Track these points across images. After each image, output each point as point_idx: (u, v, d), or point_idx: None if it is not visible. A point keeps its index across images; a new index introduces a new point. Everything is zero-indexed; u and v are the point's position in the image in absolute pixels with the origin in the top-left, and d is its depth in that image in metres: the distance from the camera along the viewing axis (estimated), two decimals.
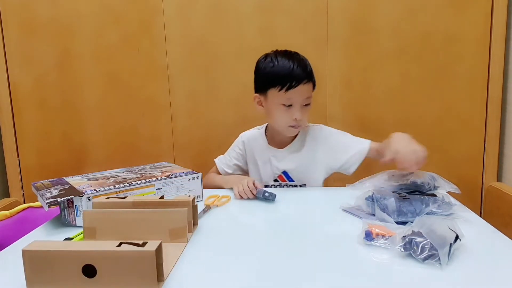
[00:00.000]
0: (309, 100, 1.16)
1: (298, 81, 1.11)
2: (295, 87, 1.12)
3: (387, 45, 1.63)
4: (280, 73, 1.13)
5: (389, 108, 1.67)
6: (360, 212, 0.93)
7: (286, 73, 1.12)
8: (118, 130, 1.74)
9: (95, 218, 0.78)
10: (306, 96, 1.15)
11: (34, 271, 0.61)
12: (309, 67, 1.16)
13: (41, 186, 1.00)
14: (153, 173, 1.07)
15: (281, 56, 1.15)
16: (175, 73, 1.70)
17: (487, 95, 1.62)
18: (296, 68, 1.12)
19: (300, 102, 1.14)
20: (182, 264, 0.70)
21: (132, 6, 1.65)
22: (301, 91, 1.13)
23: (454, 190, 0.93)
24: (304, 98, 1.15)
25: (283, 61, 1.14)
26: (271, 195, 1.04)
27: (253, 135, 1.32)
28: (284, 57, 1.15)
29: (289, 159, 1.25)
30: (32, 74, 1.70)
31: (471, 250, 0.72)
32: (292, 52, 1.18)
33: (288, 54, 1.17)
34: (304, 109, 1.16)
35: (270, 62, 1.16)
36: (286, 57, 1.15)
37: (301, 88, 1.12)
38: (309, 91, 1.16)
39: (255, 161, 1.30)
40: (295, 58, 1.14)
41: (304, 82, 1.12)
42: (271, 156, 1.27)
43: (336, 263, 0.70)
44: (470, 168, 1.67)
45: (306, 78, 1.13)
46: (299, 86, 1.12)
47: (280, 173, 1.26)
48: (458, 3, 1.58)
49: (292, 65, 1.13)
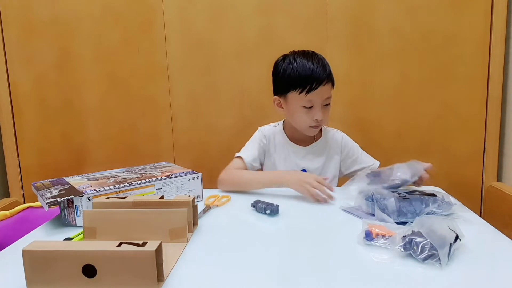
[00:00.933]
0: (329, 100, 1.17)
1: (318, 83, 1.11)
2: (316, 89, 1.12)
3: (387, 45, 1.63)
4: (301, 75, 1.12)
5: (389, 108, 1.67)
6: (360, 212, 0.93)
7: (306, 75, 1.12)
8: (118, 130, 1.74)
9: (95, 218, 0.78)
10: (327, 96, 1.15)
11: (34, 271, 0.61)
12: (328, 67, 1.15)
13: (41, 186, 1.00)
14: (153, 173, 1.07)
15: (300, 58, 1.15)
16: (175, 73, 1.70)
17: (487, 95, 1.62)
18: (316, 69, 1.12)
19: (321, 103, 1.15)
20: (182, 264, 0.70)
21: (132, 6, 1.66)
22: (321, 93, 1.13)
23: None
24: (324, 99, 1.15)
25: (302, 62, 1.13)
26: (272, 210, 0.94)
27: (272, 130, 1.31)
28: (303, 59, 1.14)
29: (310, 158, 1.27)
30: (32, 74, 1.70)
31: (471, 250, 0.72)
32: (310, 53, 1.17)
33: (306, 55, 1.16)
34: (325, 109, 1.17)
35: (289, 64, 1.15)
36: (305, 58, 1.14)
37: (321, 89, 1.13)
38: (329, 91, 1.16)
39: (272, 155, 1.30)
40: (314, 59, 1.14)
41: (324, 83, 1.12)
42: (292, 152, 1.27)
43: (336, 263, 0.70)
44: (470, 168, 1.67)
45: (326, 79, 1.13)
46: (320, 87, 1.12)
47: (299, 169, 1.26)
48: (458, 3, 1.58)
49: (312, 66, 1.12)
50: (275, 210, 0.94)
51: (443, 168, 1.68)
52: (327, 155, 1.27)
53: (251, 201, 1.00)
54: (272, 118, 1.35)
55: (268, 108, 1.36)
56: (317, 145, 1.27)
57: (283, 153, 1.28)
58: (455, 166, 1.67)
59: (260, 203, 0.97)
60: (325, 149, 1.28)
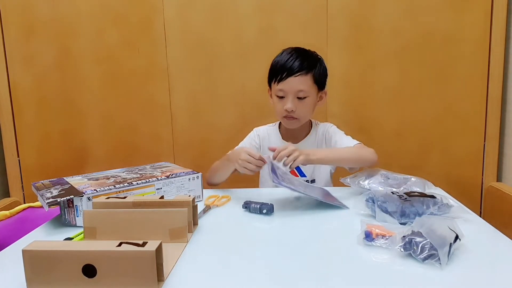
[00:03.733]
0: (303, 93, 1.17)
1: (288, 74, 1.14)
2: (285, 79, 1.15)
3: (387, 45, 1.63)
4: (275, 65, 1.19)
5: (389, 108, 1.67)
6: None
7: (279, 65, 1.17)
8: (118, 130, 1.74)
9: (95, 218, 0.78)
10: (298, 89, 1.16)
11: (34, 271, 0.61)
12: (310, 62, 1.16)
13: (41, 186, 1.00)
14: (153, 173, 1.07)
15: (288, 51, 1.19)
16: (175, 73, 1.70)
17: (487, 95, 1.62)
18: (290, 61, 1.15)
19: (293, 94, 1.17)
20: (182, 264, 0.70)
21: (132, 6, 1.65)
22: (291, 83, 1.15)
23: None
24: (296, 91, 1.16)
25: (285, 55, 1.18)
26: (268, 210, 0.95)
27: (267, 130, 1.35)
28: (289, 52, 1.18)
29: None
30: (32, 74, 1.70)
31: (471, 250, 0.72)
32: (301, 49, 1.20)
33: (295, 50, 1.19)
34: (298, 101, 1.18)
35: (277, 56, 1.20)
36: (291, 52, 1.18)
37: (292, 80, 1.15)
38: (302, 84, 1.16)
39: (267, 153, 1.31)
40: (298, 53, 1.17)
41: (296, 75, 1.14)
42: None
43: (336, 263, 0.70)
44: (470, 168, 1.67)
45: (299, 70, 1.14)
46: (290, 78, 1.15)
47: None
48: (458, 3, 1.58)
49: (288, 58, 1.16)
50: (270, 209, 0.95)
51: (443, 168, 1.68)
52: (318, 148, 1.28)
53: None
54: (272, 118, 1.35)
55: (268, 107, 1.36)
56: (307, 141, 1.29)
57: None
58: (455, 166, 1.67)
59: (253, 203, 0.97)
60: (314, 144, 1.29)
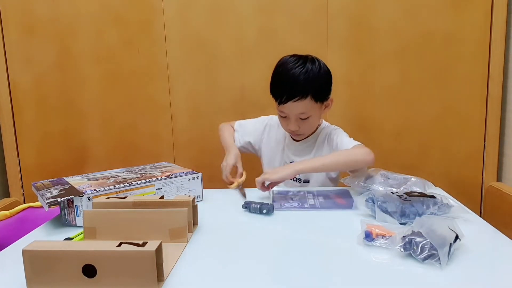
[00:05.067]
0: (304, 115, 1.15)
1: (288, 98, 1.12)
2: (285, 103, 1.13)
3: (387, 45, 1.63)
4: (275, 87, 1.16)
5: (389, 108, 1.67)
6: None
7: (279, 88, 1.14)
8: (118, 130, 1.74)
9: (95, 218, 0.78)
10: (300, 112, 1.14)
11: (34, 271, 0.61)
12: (309, 82, 1.11)
13: (41, 186, 1.00)
14: (153, 173, 1.07)
15: (286, 66, 1.14)
16: (175, 73, 1.70)
17: (487, 95, 1.62)
18: (289, 84, 1.11)
19: (294, 116, 1.16)
20: (182, 264, 0.70)
21: (132, 6, 1.65)
22: (292, 107, 1.13)
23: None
24: (297, 113, 1.15)
25: (284, 73, 1.13)
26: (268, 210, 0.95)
27: (278, 122, 1.31)
28: (288, 69, 1.13)
29: (299, 153, 1.29)
30: (32, 74, 1.70)
31: (471, 250, 0.72)
32: (299, 63, 1.13)
33: (295, 64, 1.13)
34: (301, 121, 1.17)
35: (276, 70, 1.17)
36: (290, 69, 1.12)
37: (292, 105, 1.12)
38: (302, 108, 1.13)
39: (271, 145, 1.35)
40: (297, 71, 1.11)
41: (295, 100, 1.11)
42: (285, 145, 1.31)
43: (336, 263, 0.70)
44: (470, 168, 1.67)
45: (298, 95, 1.11)
46: (289, 103, 1.12)
47: (289, 162, 1.28)
48: (458, 3, 1.58)
49: (288, 80, 1.12)
50: (270, 209, 0.95)
51: (443, 168, 1.68)
52: (316, 152, 1.28)
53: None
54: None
55: (268, 107, 1.36)
56: (308, 141, 1.28)
57: (279, 145, 1.33)
58: (455, 166, 1.67)
59: (253, 203, 0.98)
60: (314, 145, 1.28)
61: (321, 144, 1.28)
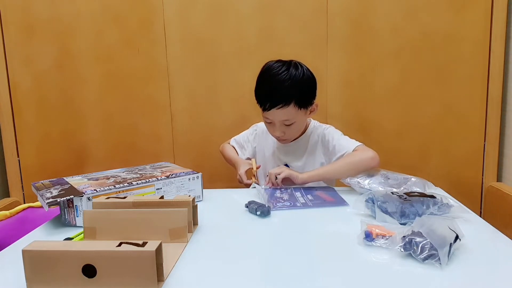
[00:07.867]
0: (288, 121, 1.16)
1: (271, 105, 1.13)
2: (269, 110, 1.14)
3: (387, 45, 1.63)
4: (258, 94, 1.17)
5: (389, 108, 1.67)
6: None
7: (262, 95, 1.15)
8: (118, 130, 1.74)
9: (95, 218, 0.78)
10: (283, 118, 1.15)
11: (34, 271, 0.61)
12: (291, 89, 1.11)
13: (41, 186, 1.00)
14: (153, 173, 1.07)
15: (269, 73, 1.15)
16: (175, 73, 1.70)
17: (487, 95, 1.62)
18: (272, 92, 1.13)
19: (278, 122, 1.17)
20: (182, 264, 0.70)
21: (132, 6, 1.65)
22: (275, 114, 1.14)
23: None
24: (281, 120, 1.16)
25: (268, 80, 1.15)
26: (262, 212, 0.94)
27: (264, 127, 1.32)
28: (271, 76, 1.14)
29: (291, 154, 1.30)
30: (32, 74, 1.70)
31: (471, 250, 0.72)
32: (282, 70, 1.13)
33: (278, 71, 1.13)
34: (285, 127, 1.18)
35: (260, 77, 1.18)
36: (273, 76, 1.13)
37: (275, 112, 1.14)
38: (286, 115, 1.14)
39: (263, 151, 1.37)
40: (280, 78, 1.12)
41: (278, 107, 1.12)
42: (276, 148, 1.32)
43: (336, 264, 0.70)
44: (470, 168, 1.67)
45: (281, 102, 1.11)
46: (273, 110, 1.13)
47: (281, 164, 1.29)
48: (458, 3, 1.58)
49: (270, 87, 1.13)
50: (265, 211, 0.94)
51: (443, 168, 1.68)
52: (309, 152, 1.28)
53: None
54: None
55: None
56: (298, 142, 1.29)
57: (270, 148, 1.34)
58: (455, 166, 1.67)
59: (253, 203, 0.98)
60: (306, 146, 1.28)
61: (314, 146, 1.28)
